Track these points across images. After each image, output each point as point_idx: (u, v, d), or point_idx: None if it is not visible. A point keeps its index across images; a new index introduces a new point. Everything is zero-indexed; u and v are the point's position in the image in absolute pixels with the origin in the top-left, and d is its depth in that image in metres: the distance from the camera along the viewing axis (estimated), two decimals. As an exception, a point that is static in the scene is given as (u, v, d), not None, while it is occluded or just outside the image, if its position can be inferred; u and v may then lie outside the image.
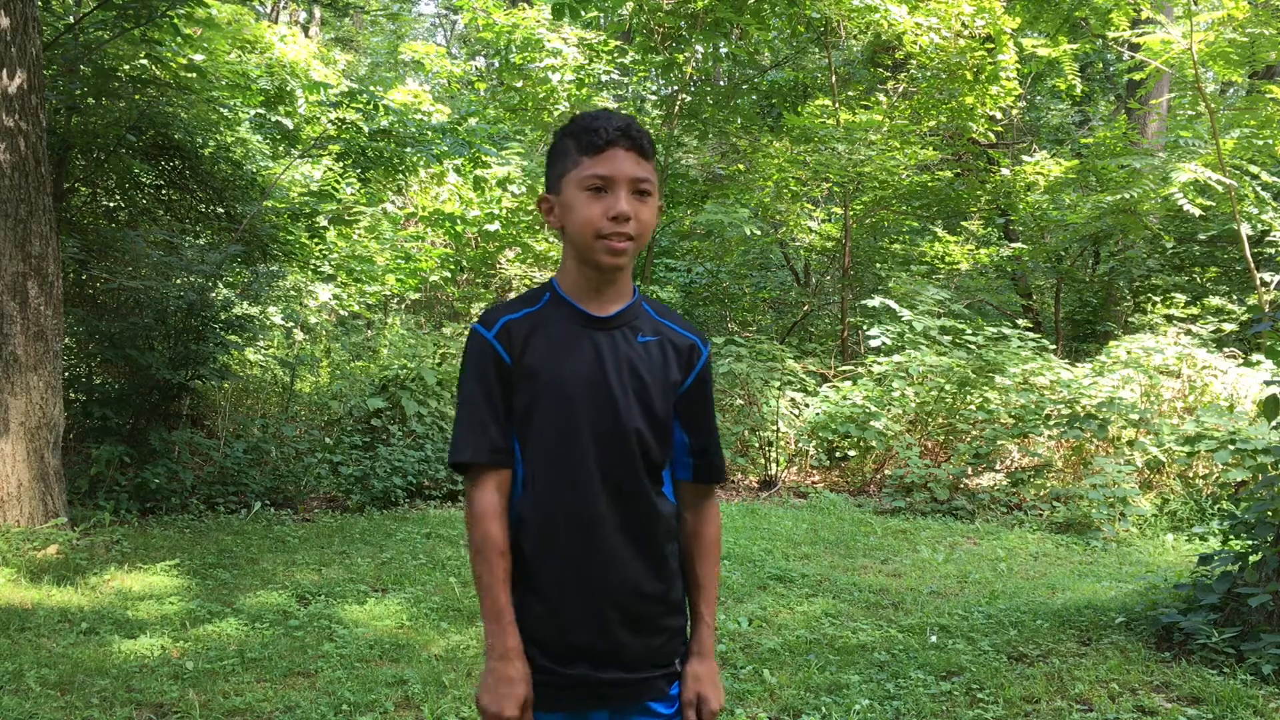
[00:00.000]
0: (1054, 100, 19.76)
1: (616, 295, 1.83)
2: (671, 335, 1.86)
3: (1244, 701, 3.66)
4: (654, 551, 1.83)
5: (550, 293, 1.84)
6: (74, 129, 7.67)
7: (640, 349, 1.82)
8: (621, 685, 1.80)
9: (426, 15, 31.80)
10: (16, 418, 5.95)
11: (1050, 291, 13.69)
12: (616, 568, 1.79)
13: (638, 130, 1.77)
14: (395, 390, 8.64)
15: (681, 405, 1.87)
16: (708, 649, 1.86)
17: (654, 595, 1.82)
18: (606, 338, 1.81)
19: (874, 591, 5.49)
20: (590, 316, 1.81)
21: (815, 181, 12.37)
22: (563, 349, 1.79)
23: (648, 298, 1.91)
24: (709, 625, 1.87)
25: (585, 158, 1.76)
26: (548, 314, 1.82)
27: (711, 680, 1.84)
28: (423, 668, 4.14)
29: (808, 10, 11.65)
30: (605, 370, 1.79)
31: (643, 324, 1.85)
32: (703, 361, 1.88)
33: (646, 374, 1.81)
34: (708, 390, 1.90)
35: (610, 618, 1.78)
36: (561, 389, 1.78)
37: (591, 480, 1.77)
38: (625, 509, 1.79)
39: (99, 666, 4.07)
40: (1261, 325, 5.07)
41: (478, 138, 11.02)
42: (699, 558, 1.89)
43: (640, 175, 1.76)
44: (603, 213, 1.73)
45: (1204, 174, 9.45)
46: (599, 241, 1.74)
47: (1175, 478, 8.24)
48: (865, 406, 9.33)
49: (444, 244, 13.45)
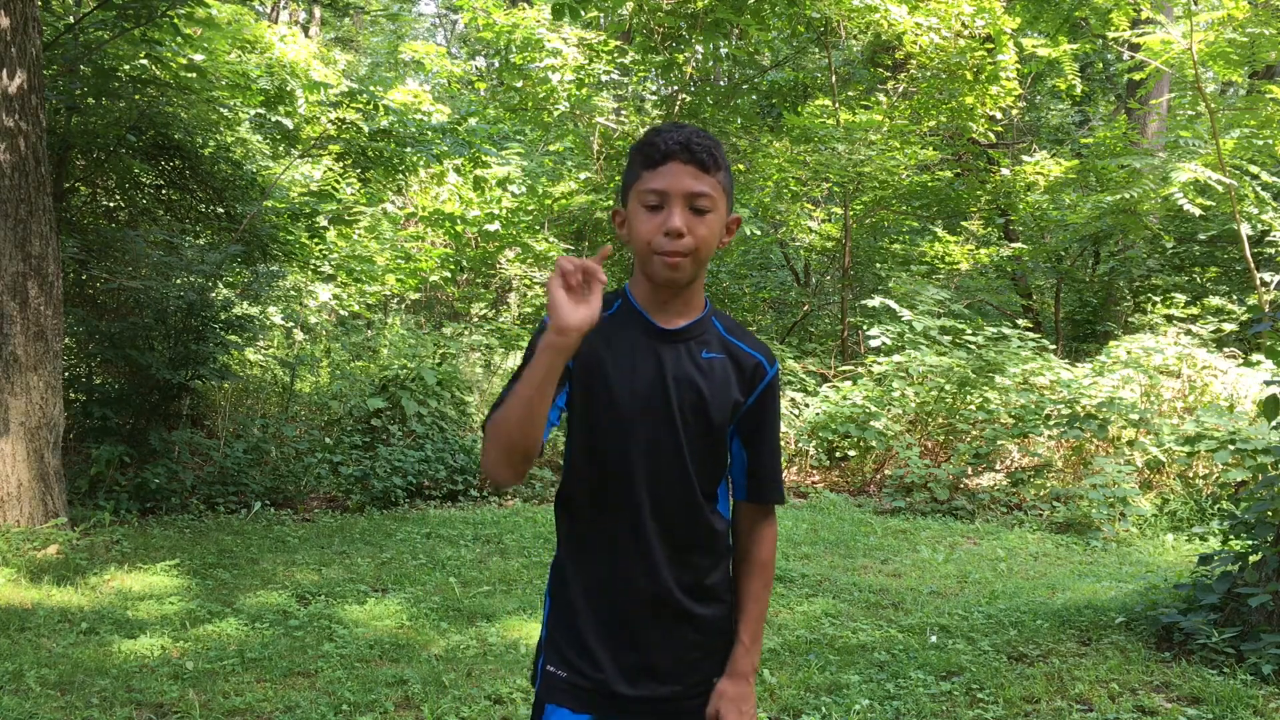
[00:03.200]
0: (1054, 100, 19.76)
1: (685, 308, 1.82)
2: (738, 353, 1.84)
3: (1244, 701, 3.66)
4: (695, 568, 1.80)
5: (622, 299, 1.84)
6: (74, 129, 7.67)
7: (705, 364, 1.80)
8: (652, 700, 1.78)
9: (426, 15, 31.80)
10: (16, 418, 5.95)
11: (1050, 291, 13.69)
12: (652, 581, 1.76)
13: (699, 144, 1.72)
14: (395, 390, 8.64)
15: (742, 424, 1.85)
16: (740, 669, 1.81)
17: (690, 612, 1.79)
18: (670, 350, 1.80)
19: (874, 591, 5.49)
20: (657, 328, 1.80)
21: (815, 181, 12.37)
22: (625, 357, 1.79)
23: (720, 314, 1.89)
24: (745, 646, 1.83)
25: (645, 171, 1.74)
26: (617, 320, 1.81)
27: (736, 701, 1.79)
28: (423, 668, 4.13)
29: (808, 10, 11.64)
30: (665, 383, 1.77)
31: (710, 339, 1.83)
32: (766, 381, 1.84)
33: (707, 390, 1.79)
34: (770, 410, 1.87)
35: (640, 630, 1.75)
36: (619, 396, 1.77)
37: (635, 487, 1.76)
38: (669, 522, 1.77)
39: (99, 666, 4.06)
40: (1261, 325, 5.07)
41: (478, 138, 11.01)
42: (744, 578, 1.86)
43: (698, 190, 1.71)
44: (657, 228, 1.71)
45: (1204, 174, 9.45)
46: (655, 257, 1.73)
47: (1175, 478, 8.24)
48: (865, 406, 9.32)
49: (444, 244, 13.45)
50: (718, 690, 1.80)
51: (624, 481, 1.76)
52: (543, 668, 1.83)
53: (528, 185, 12.75)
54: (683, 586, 1.78)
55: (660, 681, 1.78)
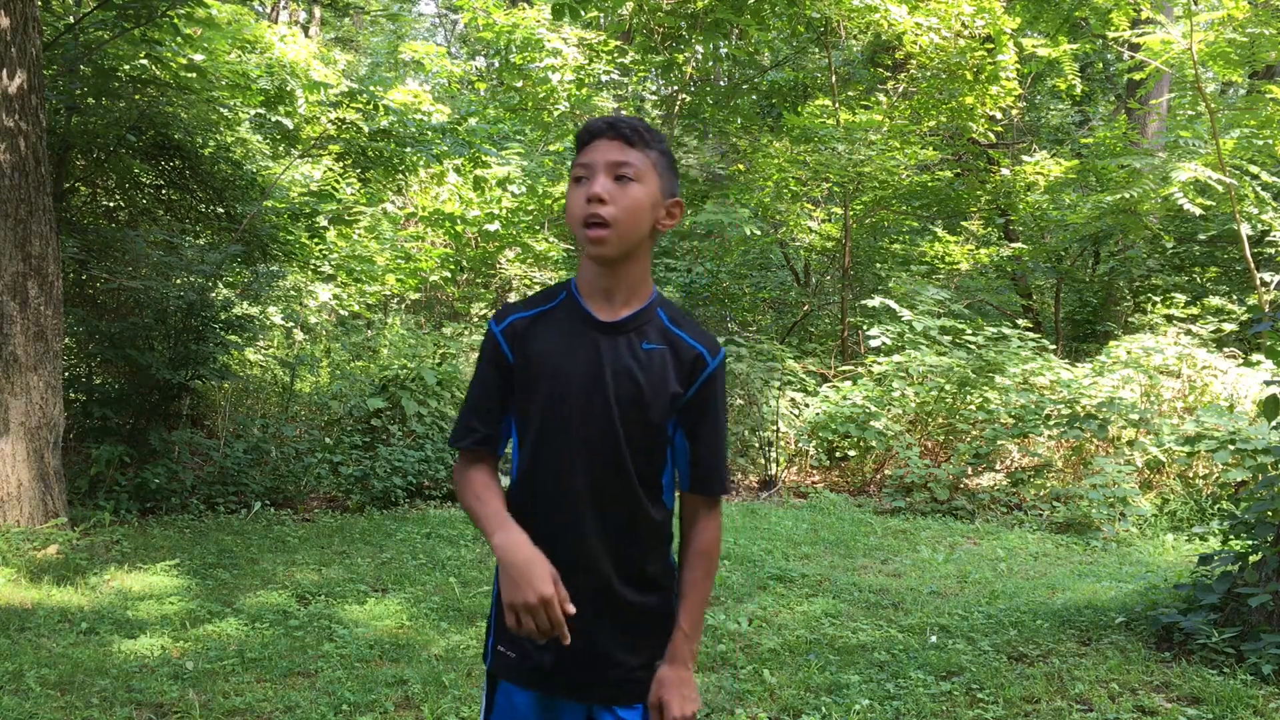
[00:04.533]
0: (1054, 100, 19.75)
1: (629, 296, 1.84)
2: (679, 344, 1.85)
3: (1244, 701, 3.66)
4: (635, 557, 1.84)
5: (566, 292, 1.88)
6: (74, 129, 7.67)
7: (643, 356, 1.82)
8: (597, 685, 1.83)
9: (426, 15, 31.79)
10: (16, 418, 5.96)
11: (1050, 291, 13.69)
12: (591, 569, 1.80)
13: (626, 122, 1.79)
14: (395, 390, 8.64)
15: (683, 416, 1.86)
16: (679, 655, 1.84)
17: (629, 599, 1.83)
18: (609, 342, 1.82)
19: (874, 591, 5.49)
20: (597, 320, 1.83)
21: (815, 181, 12.37)
22: (564, 350, 1.82)
23: (667, 303, 1.90)
24: (684, 633, 1.85)
25: (578, 153, 1.82)
26: (558, 313, 1.86)
27: (677, 686, 1.82)
28: (423, 668, 4.13)
29: (808, 10, 11.65)
30: (603, 376, 1.80)
31: (651, 330, 1.84)
32: (707, 373, 1.85)
33: (644, 382, 1.81)
34: (713, 401, 1.87)
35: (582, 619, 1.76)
36: (556, 388, 1.81)
37: (574, 480, 1.80)
38: (608, 512, 1.81)
39: (99, 666, 4.06)
40: (1261, 325, 5.07)
41: (478, 138, 11.01)
42: (686, 567, 1.89)
43: (619, 159, 1.76)
44: (582, 198, 1.77)
45: (1204, 174, 9.45)
46: (581, 230, 1.77)
47: (1175, 478, 8.24)
48: (865, 406, 9.33)
49: (444, 244, 13.45)
50: (658, 677, 1.83)
51: (565, 475, 1.80)
52: (493, 647, 1.90)
53: (528, 185, 12.75)
54: (623, 577, 1.82)
55: (602, 667, 1.82)
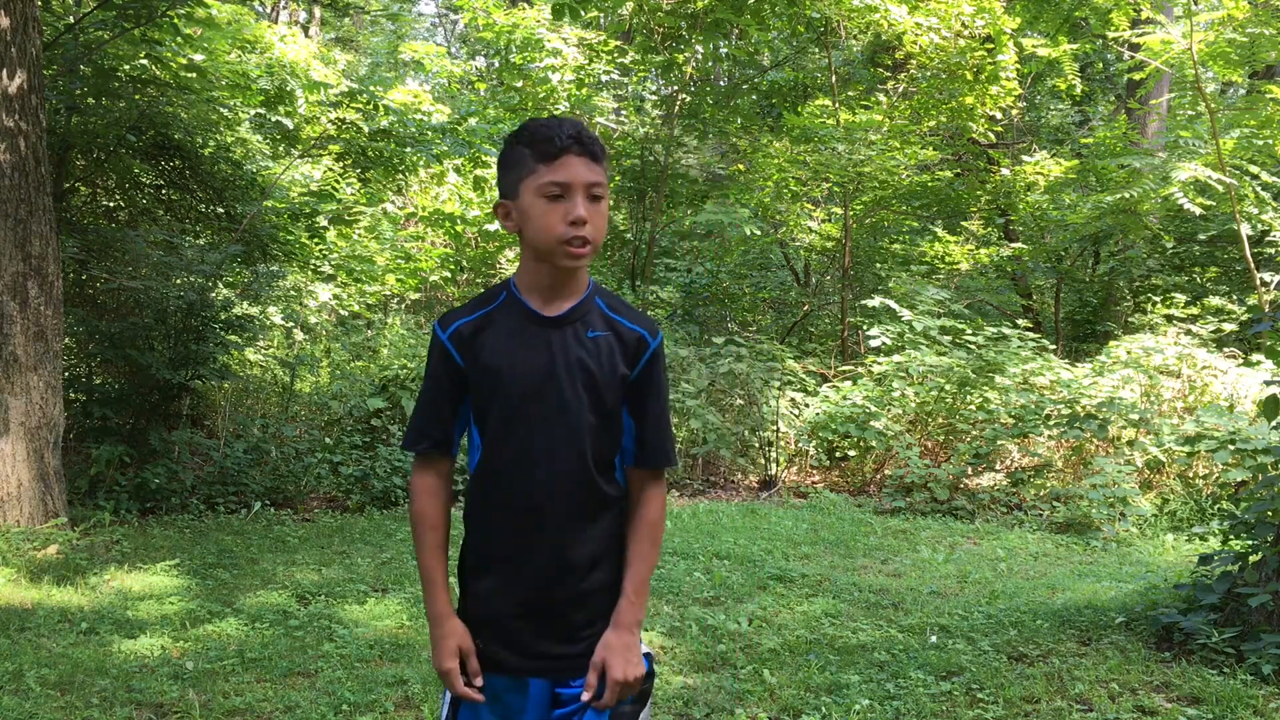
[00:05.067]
0: (1054, 100, 19.75)
1: (570, 292, 1.92)
2: (621, 329, 1.94)
3: (1244, 701, 3.66)
4: (597, 535, 1.92)
5: (506, 292, 1.95)
6: (74, 129, 7.67)
7: (590, 344, 1.91)
8: (559, 658, 1.91)
9: (426, 15, 31.80)
10: (16, 418, 5.96)
11: (1050, 291, 13.69)
12: (556, 550, 1.89)
13: (589, 136, 1.86)
14: (395, 390, 8.64)
15: (630, 395, 1.94)
16: (623, 620, 1.90)
17: (593, 576, 1.92)
18: (558, 335, 1.90)
19: (874, 591, 5.49)
20: (542, 316, 1.91)
21: (815, 181, 12.37)
22: (515, 347, 1.90)
23: (602, 291, 1.99)
24: (630, 600, 1.92)
25: (541, 165, 1.84)
26: (501, 314, 1.94)
27: (619, 650, 1.88)
28: (423, 668, 4.13)
29: (808, 10, 11.65)
30: (555, 367, 1.88)
31: (593, 319, 1.93)
32: (650, 352, 1.94)
33: (595, 369, 1.90)
34: (655, 380, 1.96)
35: (547, 596, 1.89)
36: (513, 385, 1.89)
37: (538, 468, 1.88)
38: (571, 495, 1.90)
39: (99, 666, 4.06)
40: (1261, 325, 5.07)
41: (478, 138, 11.00)
42: (633, 538, 1.96)
43: (593, 180, 1.84)
44: (562, 218, 1.82)
45: (1204, 174, 9.45)
46: (561, 247, 1.84)
47: (1175, 478, 8.24)
48: (865, 406, 9.32)
49: (444, 244, 13.45)
50: (603, 640, 1.90)
51: (525, 468, 1.89)
52: None
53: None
54: (579, 557, 1.91)
55: (558, 643, 1.91)
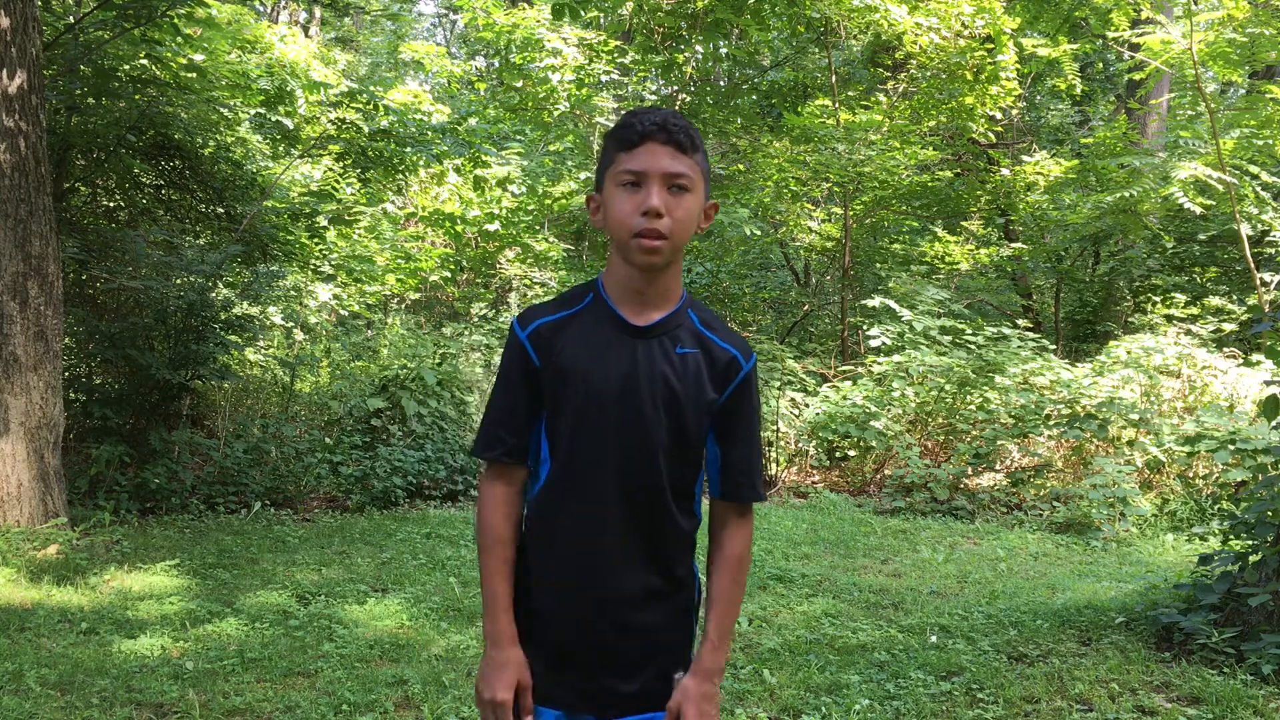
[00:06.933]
0: (1054, 100, 19.75)
1: (660, 299, 1.78)
2: (712, 348, 1.80)
3: (1244, 701, 3.66)
4: (663, 565, 1.79)
5: (593, 294, 1.81)
6: (74, 129, 7.67)
7: (678, 361, 1.77)
8: (615, 694, 1.78)
9: (426, 15, 31.82)
10: (16, 418, 5.95)
11: (1050, 291, 13.69)
12: (617, 576, 1.76)
13: (676, 124, 1.71)
14: (395, 390, 8.64)
15: (716, 420, 1.81)
16: (705, 667, 1.77)
17: (655, 608, 1.79)
18: (644, 347, 1.76)
19: (874, 591, 5.49)
20: (629, 324, 1.77)
21: (815, 181, 12.37)
22: (597, 355, 1.76)
23: (697, 304, 1.85)
24: (712, 643, 1.78)
25: (621, 153, 1.72)
26: (586, 317, 1.79)
27: (697, 700, 1.75)
28: (423, 668, 4.13)
29: (808, 10, 11.64)
30: (638, 381, 1.75)
31: (684, 334, 1.79)
32: (741, 376, 1.81)
33: (680, 388, 1.76)
34: (746, 406, 1.82)
35: (604, 624, 1.75)
36: (590, 395, 1.75)
37: (606, 487, 1.75)
38: (639, 519, 1.76)
39: (99, 666, 4.06)
40: (1261, 325, 5.07)
41: (478, 138, 11.00)
42: (715, 575, 1.83)
43: (675, 170, 1.70)
44: (635, 208, 1.69)
45: (1204, 173, 9.46)
46: (633, 240, 1.70)
47: (1175, 478, 8.24)
48: (865, 406, 9.33)
49: (444, 244, 13.45)
50: (682, 685, 1.77)
51: (596, 483, 1.75)
52: None
53: (528, 185, 12.75)
54: (644, 586, 1.78)
55: (615, 678, 1.78)
